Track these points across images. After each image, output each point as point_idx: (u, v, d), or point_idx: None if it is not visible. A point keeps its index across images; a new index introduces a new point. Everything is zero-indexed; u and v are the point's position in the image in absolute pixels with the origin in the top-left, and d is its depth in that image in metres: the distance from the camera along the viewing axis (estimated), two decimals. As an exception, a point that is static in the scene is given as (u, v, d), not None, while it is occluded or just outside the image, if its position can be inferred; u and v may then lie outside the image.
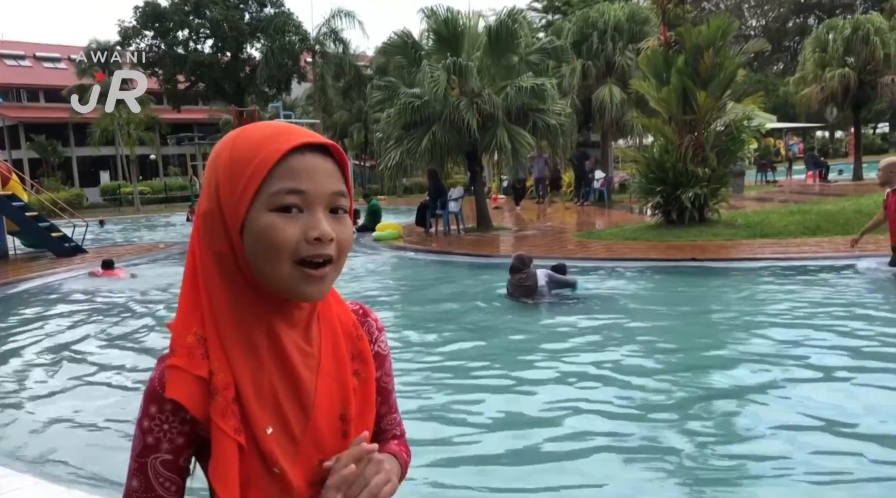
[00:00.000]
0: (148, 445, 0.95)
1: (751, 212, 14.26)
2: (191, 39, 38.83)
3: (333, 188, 0.95)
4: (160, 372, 0.96)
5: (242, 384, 0.94)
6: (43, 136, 44.47)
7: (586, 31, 23.31)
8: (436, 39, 15.80)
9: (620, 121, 22.78)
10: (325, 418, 1.00)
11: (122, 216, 32.55)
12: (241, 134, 0.97)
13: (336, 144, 0.98)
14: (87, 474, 3.90)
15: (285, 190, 0.92)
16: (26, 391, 5.81)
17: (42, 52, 52.24)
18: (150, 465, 0.95)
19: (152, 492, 0.96)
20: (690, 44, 12.01)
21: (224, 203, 0.94)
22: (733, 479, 3.42)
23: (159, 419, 0.95)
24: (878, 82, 22.07)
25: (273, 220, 0.91)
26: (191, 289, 0.97)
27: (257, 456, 0.95)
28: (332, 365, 1.02)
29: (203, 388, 0.93)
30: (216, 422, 0.93)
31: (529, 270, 7.91)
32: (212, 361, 0.94)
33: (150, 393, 0.96)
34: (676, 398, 4.58)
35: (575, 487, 3.43)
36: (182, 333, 0.95)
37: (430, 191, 16.22)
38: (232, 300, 0.95)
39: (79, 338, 7.64)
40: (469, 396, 4.86)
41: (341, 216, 0.97)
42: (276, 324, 0.97)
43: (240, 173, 0.93)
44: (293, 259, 0.92)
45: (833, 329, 5.93)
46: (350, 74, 37.23)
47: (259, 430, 0.94)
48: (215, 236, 0.95)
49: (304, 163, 0.93)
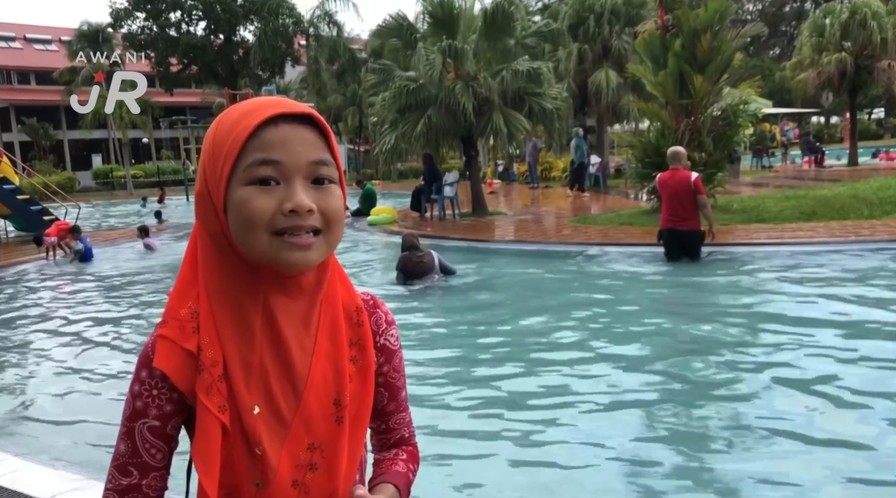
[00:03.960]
0: (136, 409, 0.96)
1: (746, 197, 14.25)
2: (183, 21, 38.40)
3: (312, 157, 0.93)
4: (153, 339, 0.96)
5: (231, 362, 0.93)
6: (34, 119, 44.06)
7: (583, 15, 23.17)
8: (431, 22, 15.65)
9: (616, 105, 22.70)
10: (317, 401, 0.97)
11: (115, 200, 32.35)
12: (224, 114, 0.97)
13: (315, 112, 0.96)
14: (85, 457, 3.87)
15: (258, 161, 0.91)
16: (23, 373, 5.77)
17: (33, 34, 51.69)
18: (138, 429, 0.96)
19: (137, 457, 0.96)
20: (688, 27, 11.91)
21: (209, 184, 0.94)
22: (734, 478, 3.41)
23: (149, 385, 0.95)
24: (875, 67, 21.98)
25: (248, 194, 0.91)
26: (190, 265, 0.98)
27: (241, 436, 0.94)
28: (328, 348, 1.00)
29: (190, 361, 0.94)
30: (200, 398, 0.92)
31: (425, 249, 7.82)
32: (202, 336, 0.94)
33: (143, 358, 0.97)
34: (672, 388, 4.57)
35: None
36: (176, 305, 0.96)
37: (426, 175, 16.15)
38: (227, 279, 0.95)
39: (71, 319, 7.60)
40: (475, 392, 4.83)
41: (326, 186, 0.95)
42: (274, 303, 0.96)
43: (219, 152, 0.93)
44: (270, 230, 0.91)
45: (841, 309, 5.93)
46: (344, 58, 37.00)
47: (245, 409, 0.93)
48: (207, 217, 0.95)
49: (278, 134, 0.92)
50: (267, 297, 0.95)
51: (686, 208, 8.13)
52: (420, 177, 18.00)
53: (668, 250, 8.46)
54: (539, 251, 10.44)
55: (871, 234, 9.21)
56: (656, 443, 3.70)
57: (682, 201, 8.11)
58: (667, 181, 8.22)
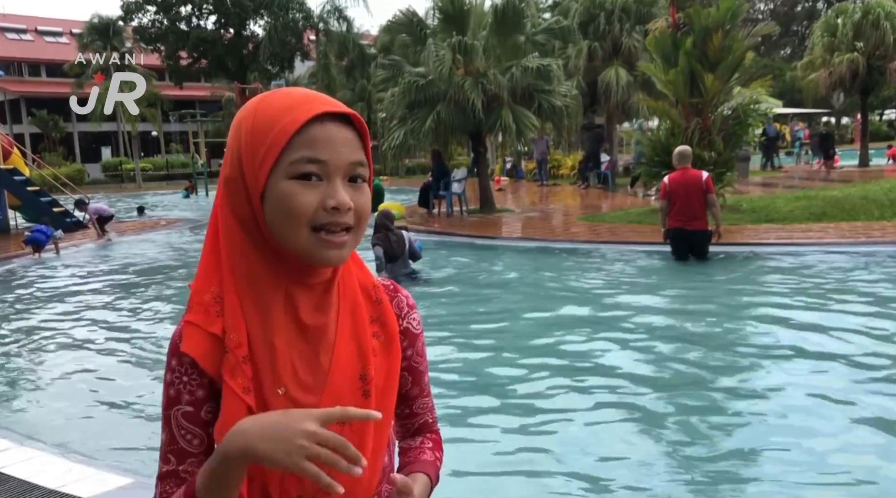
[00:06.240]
0: (170, 397, 0.98)
1: (756, 197, 14.18)
2: (194, 15, 38.44)
3: (352, 158, 0.96)
4: (180, 328, 0.99)
5: (256, 344, 0.96)
6: (44, 111, 44.18)
7: (593, 12, 23.08)
8: (441, 18, 15.62)
9: (626, 103, 22.61)
10: (343, 377, 1.00)
11: (124, 193, 32.47)
12: (264, 100, 0.98)
13: (357, 114, 0.99)
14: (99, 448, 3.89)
15: (304, 159, 0.93)
16: (30, 362, 5.80)
17: (43, 26, 51.84)
18: (173, 417, 0.98)
19: (174, 444, 0.98)
20: (699, 26, 11.84)
21: (246, 170, 0.95)
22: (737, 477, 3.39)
23: (179, 372, 0.97)
24: (887, 68, 21.82)
25: (292, 188, 0.93)
26: (212, 251, 0.99)
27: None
28: (350, 326, 1.03)
29: (216, 345, 0.96)
30: (226, 379, 0.94)
31: (398, 231, 7.49)
32: (226, 319, 0.96)
33: (172, 347, 0.99)
34: (670, 386, 4.55)
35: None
36: (200, 291, 0.98)
37: (434, 172, 16.14)
38: (252, 263, 0.97)
39: (83, 307, 7.64)
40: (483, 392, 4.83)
41: (360, 185, 0.98)
42: (294, 287, 0.98)
43: (260, 141, 0.94)
44: (311, 226, 0.94)
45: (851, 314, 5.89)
46: (354, 53, 36.94)
47: (270, 390, 0.95)
48: (238, 202, 0.97)
49: (324, 132, 0.94)
50: (288, 282, 0.98)
51: (695, 208, 8.09)
52: (428, 173, 18.00)
53: (676, 250, 8.43)
54: (546, 248, 10.42)
55: (882, 235, 9.16)
56: (658, 442, 3.68)
57: (692, 201, 8.07)
58: (678, 180, 8.19)
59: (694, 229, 8.16)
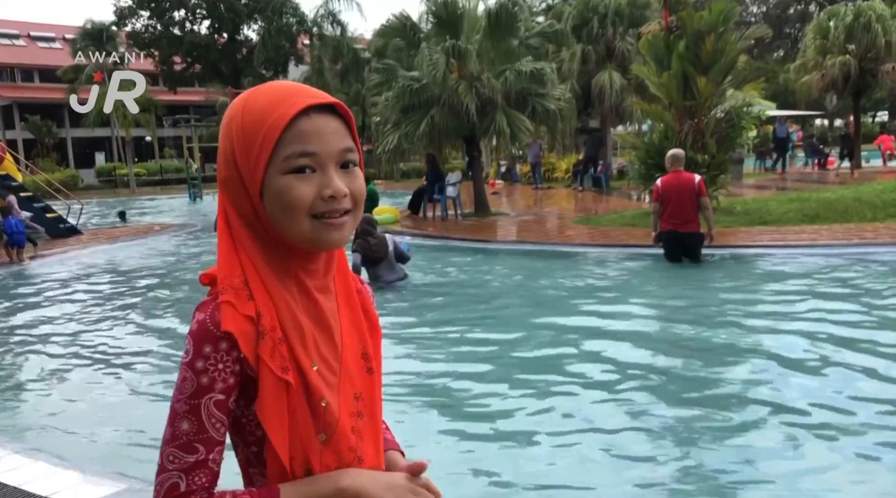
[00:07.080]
0: (202, 385, 0.96)
1: (750, 199, 14.22)
2: (187, 20, 38.35)
3: (342, 145, 1.01)
4: (209, 313, 0.97)
5: (286, 326, 1.00)
6: (38, 117, 44.01)
7: (587, 16, 23.15)
8: (435, 22, 15.65)
9: (620, 107, 22.66)
10: (351, 356, 1.08)
11: (118, 198, 32.38)
12: (249, 98, 1.01)
13: (341, 103, 1.02)
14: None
15: (296, 153, 0.97)
16: (18, 369, 5.78)
17: (37, 32, 51.69)
18: (204, 405, 0.96)
19: (203, 433, 0.97)
20: (692, 29, 11.89)
21: (242, 170, 0.99)
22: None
23: (214, 359, 0.96)
24: (879, 70, 21.94)
25: (288, 183, 0.97)
26: (228, 241, 1.02)
27: (303, 393, 1.00)
28: (347, 310, 1.11)
29: (252, 327, 0.97)
30: (266, 361, 0.97)
31: (379, 235, 7.38)
32: (257, 302, 0.98)
33: (202, 333, 0.97)
34: (669, 388, 4.56)
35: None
36: (228, 275, 1.00)
37: (428, 175, 16.14)
38: (264, 254, 1.02)
39: (75, 316, 7.60)
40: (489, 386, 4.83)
41: (352, 170, 1.03)
42: (303, 275, 1.04)
43: (252, 141, 0.98)
44: (310, 214, 0.99)
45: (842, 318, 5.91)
46: (348, 57, 36.95)
47: (307, 367, 1.00)
48: (239, 200, 1.01)
49: (312, 125, 0.98)
50: (297, 269, 1.04)
51: (688, 210, 8.12)
52: (423, 177, 18.00)
53: (669, 252, 8.45)
54: (540, 251, 10.43)
55: (875, 236, 9.20)
56: (655, 443, 3.69)
57: (685, 204, 8.10)
58: (671, 183, 8.21)
59: (687, 232, 8.19)
